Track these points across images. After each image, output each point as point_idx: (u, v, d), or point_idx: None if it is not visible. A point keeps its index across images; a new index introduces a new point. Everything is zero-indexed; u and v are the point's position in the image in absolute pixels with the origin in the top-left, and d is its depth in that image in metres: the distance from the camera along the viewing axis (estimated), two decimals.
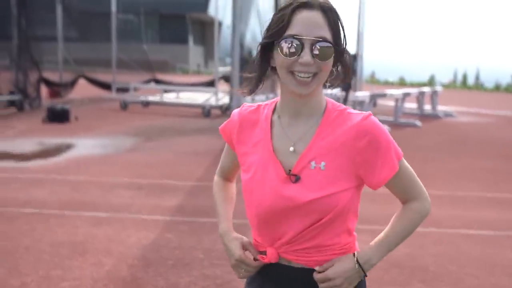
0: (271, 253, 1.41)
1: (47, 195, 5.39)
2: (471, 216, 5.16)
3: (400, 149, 1.38)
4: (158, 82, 19.57)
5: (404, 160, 1.38)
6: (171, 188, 5.87)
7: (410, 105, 15.16)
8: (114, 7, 17.01)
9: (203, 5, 39.50)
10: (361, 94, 13.11)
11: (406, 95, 13.65)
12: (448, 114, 15.33)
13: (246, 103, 1.51)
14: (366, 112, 1.36)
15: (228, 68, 16.10)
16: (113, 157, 7.59)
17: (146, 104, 14.71)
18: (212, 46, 27.92)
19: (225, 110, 13.41)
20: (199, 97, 15.10)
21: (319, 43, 1.27)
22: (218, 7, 17.29)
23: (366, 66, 20.40)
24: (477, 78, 37.58)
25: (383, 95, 13.99)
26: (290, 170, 1.36)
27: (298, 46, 1.27)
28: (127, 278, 3.46)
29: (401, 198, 1.44)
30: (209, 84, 17.74)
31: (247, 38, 14.59)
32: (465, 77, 37.38)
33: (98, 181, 6.05)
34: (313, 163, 1.34)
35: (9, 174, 6.30)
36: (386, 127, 1.41)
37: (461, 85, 36.05)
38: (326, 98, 1.41)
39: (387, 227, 1.42)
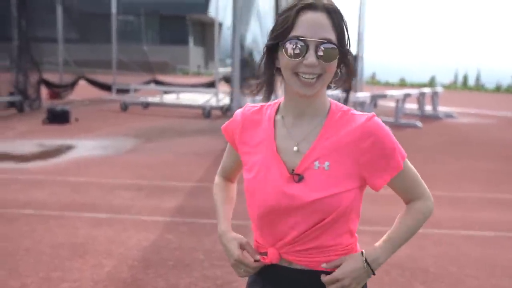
0: (272, 253, 1.41)
1: (47, 196, 5.38)
2: (472, 217, 5.15)
3: (403, 149, 1.39)
4: (158, 83, 19.60)
5: (407, 160, 1.40)
6: (171, 189, 5.86)
7: (411, 106, 15.15)
8: (114, 8, 17.03)
9: (204, 6, 39.49)
10: (361, 95, 13.10)
11: (406, 96, 13.65)
12: (448, 115, 15.32)
13: (249, 104, 1.51)
14: (370, 113, 1.37)
15: (228, 69, 16.09)
16: (113, 158, 7.58)
17: (146, 105, 14.70)
18: (212, 47, 27.95)
19: (225, 111, 13.40)
20: (199, 98, 15.08)
21: (324, 45, 1.28)
22: (219, 8, 17.27)
23: (366, 67, 20.41)
24: (477, 79, 37.52)
25: (384, 96, 13.99)
26: (293, 170, 1.36)
27: (302, 47, 1.28)
28: (128, 279, 3.45)
29: (404, 198, 1.45)
30: (209, 85, 17.76)
31: (248, 39, 14.57)
32: (465, 78, 37.34)
33: (98, 182, 6.04)
34: (316, 163, 1.34)
35: (9, 175, 6.29)
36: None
37: (461, 86, 36.02)
38: (330, 99, 1.41)
39: (392, 227, 1.43)
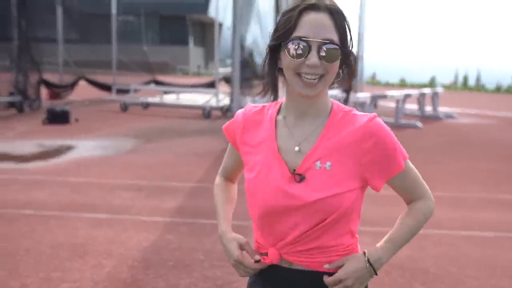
0: (273, 253, 1.41)
1: (47, 197, 5.38)
2: (472, 217, 5.15)
3: (405, 150, 1.39)
4: (158, 83, 19.60)
5: (409, 161, 1.40)
6: (171, 189, 5.86)
7: (411, 106, 15.15)
8: (114, 9, 17.03)
9: (204, 6, 39.46)
10: (362, 95, 13.09)
11: (407, 96, 13.66)
12: (449, 115, 15.31)
13: (250, 104, 1.51)
14: (372, 113, 1.37)
15: (228, 69, 16.10)
16: (113, 158, 7.58)
17: (146, 105, 14.70)
18: (212, 48, 27.92)
19: (225, 111, 13.39)
20: (200, 98, 15.08)
21: (326, 45, 1.27)
22: (219, 8, 17.26)
23: (367, 68, 20.41)
24: (478, 80, 37.46)
25: (384, 96, 13.98)
26: (294, 170, 1.35)
27: (305, 48, 1.27)
28: (128, 280, 3.45)
29: (406, 198, 1.45)
30: (209, 85, 17.75)
31: (248, 39, 14.57)
32: (466, 78, 37.29)
33: (98, 182, 6.04)
34: (318, 163, 1.34)
35: (9, 175, 6.29)
36: None
37: (462, 86, 35.98)
38: (332, 100, 1.41)
39: (394, 227, 1.43)
